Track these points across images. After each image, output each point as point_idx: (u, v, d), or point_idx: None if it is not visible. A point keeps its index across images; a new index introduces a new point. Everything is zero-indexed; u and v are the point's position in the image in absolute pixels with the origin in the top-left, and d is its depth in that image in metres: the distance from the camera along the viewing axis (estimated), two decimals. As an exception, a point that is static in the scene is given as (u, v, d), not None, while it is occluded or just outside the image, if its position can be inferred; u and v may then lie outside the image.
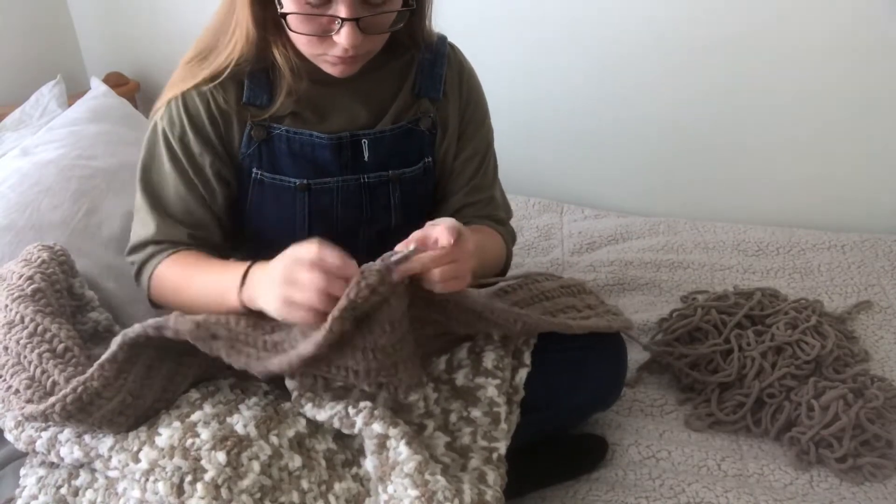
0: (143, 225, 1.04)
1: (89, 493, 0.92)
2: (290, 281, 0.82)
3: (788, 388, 1.21)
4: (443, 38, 1.10)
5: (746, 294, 1.43)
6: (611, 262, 1.64)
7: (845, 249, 1.62)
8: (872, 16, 1.54)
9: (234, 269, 0.93)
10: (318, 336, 0.83)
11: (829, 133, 1.67)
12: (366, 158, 1.05)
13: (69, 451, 0.92)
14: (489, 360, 1.00)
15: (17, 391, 0.93)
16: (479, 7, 1.82)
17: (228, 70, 0.97)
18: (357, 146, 1.04)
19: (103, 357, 0.89)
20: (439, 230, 0.84)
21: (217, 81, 0.98)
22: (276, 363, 0.86)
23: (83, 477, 0.94)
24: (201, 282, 0.98)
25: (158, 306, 1.08)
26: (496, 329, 0.99)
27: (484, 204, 1.15)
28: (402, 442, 0.87)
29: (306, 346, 0.85)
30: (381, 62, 1.03)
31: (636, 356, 1.34)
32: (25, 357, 0.95)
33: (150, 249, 1.04)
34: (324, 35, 0.90)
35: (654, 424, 1.21)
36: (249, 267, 0.91)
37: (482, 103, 1.15)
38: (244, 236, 1.12)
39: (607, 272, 1.61)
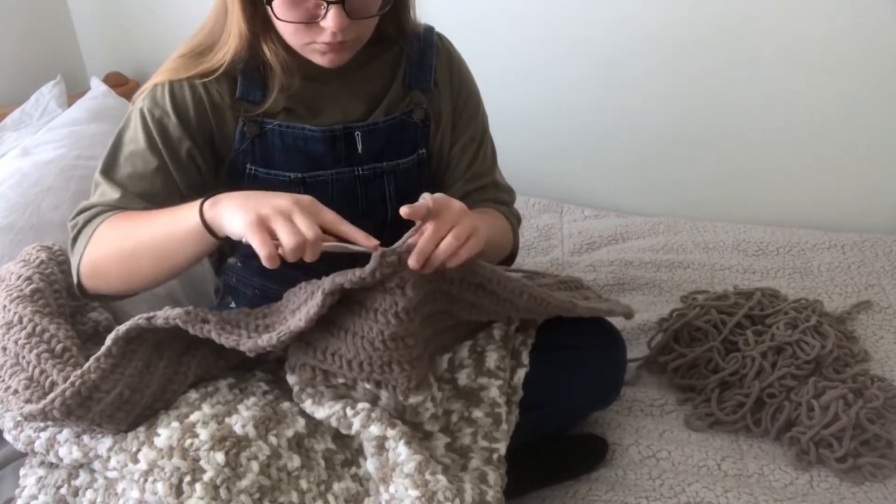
0: (101, 195, 0.99)
1: (89, 494, 0.92)
2: (278, 209, 0.79)
3: (788, 388, 1.21)
4: (430, 29, 1.10)
5: (746, 294, 1.43)
6: (611, 262, 1.64)
7: (845, 249, 1.62)
8: (873, 14, 1.54)
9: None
10: (311, 308, 0.83)
11: (829, 133, 1.67)
12: (359, 151, 1.05)
13: (68, 452, 0.92)
14: (492, 360, 1.00)
15: (16, 391, 0.93)
16: (477, 6, 1.82)
17: (223, 68, 0.97)
18: (350, 138, 1.04)
19: (99, 352, 0.89)
20: (417, 208, 0.82)
21: (210, 78, 0.98)
22: (266, 338, 0.86)
23: (83, 477, 0.94)
24: (159, 214, 0.91)
25: (83, 288, 0.98)
26: (501, 306, 0.98)
27: (486, 189, 1.15)
28: (401, 442, 0.87)
29: (297, 319, 0.85)
30: (371, 56, 1.04)
31: (635, 354, 1.34)
32: (24, 357, 0.95)
33: (97, 209, 0.97)
34: (311, 21, 0.91)
35: (654, 424, 1.21)
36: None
37: (474, 91, 1.15)
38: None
39: (607, 272, 1.61)
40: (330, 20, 0.89)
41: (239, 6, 0.92)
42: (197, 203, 0.86)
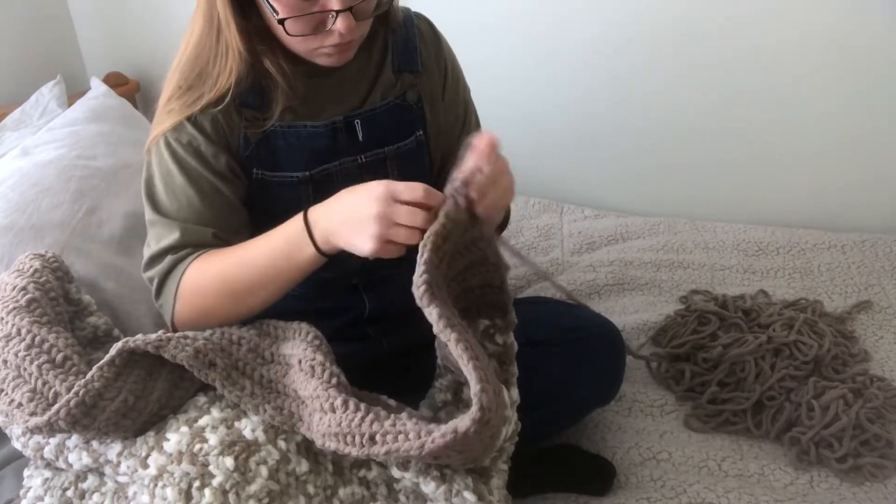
0: (159, 238, 1.00)
1: (96, 497, 0.93)
2: (386, 218, 0.84)
3: (788, 389, 1.21)
4: (408, 12, 1.11)
5: (744, 295, 1.43)
6: (611, 262, 1.64)
7: (845, 249, 1.62)
8: (873, 14, 1.54)
9: (290, 225, 0.93)
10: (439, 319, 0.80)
11: (828, 133, 1.67)
12: (360, 139, 1.06)
13: (77, 458, 0.92)
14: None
15: (20, 404, 0.92)
16: (478, 7, 1.82)
17: (230, 92, 0.96)
18: (351, 128, 1.05)
19: (102, 361, 0.90)
20: (479, 151, 0.87)
21: (221, 107, 0.97)
22: (305, 429, 0.88)
23: (91, 480, 0.95)
24: (254, 254, 0.95)
25: (177, 330, 1.00)
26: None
27: None
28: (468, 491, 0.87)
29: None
30: (361, 46, 1.05)
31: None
32: (25, 369, 0.95)
33: (169, 258, 0.98)
34: (319, 31, 0.92)
35: (654, 425, 1.21)
36: (305, 214, 0.92)
37: (457, 66, 1.17)
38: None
39: (607, 272, 1.61)
40: (340, 25, 0.90)
41: (234, 27, 0.93)
42: (304, 234, 0.91)
